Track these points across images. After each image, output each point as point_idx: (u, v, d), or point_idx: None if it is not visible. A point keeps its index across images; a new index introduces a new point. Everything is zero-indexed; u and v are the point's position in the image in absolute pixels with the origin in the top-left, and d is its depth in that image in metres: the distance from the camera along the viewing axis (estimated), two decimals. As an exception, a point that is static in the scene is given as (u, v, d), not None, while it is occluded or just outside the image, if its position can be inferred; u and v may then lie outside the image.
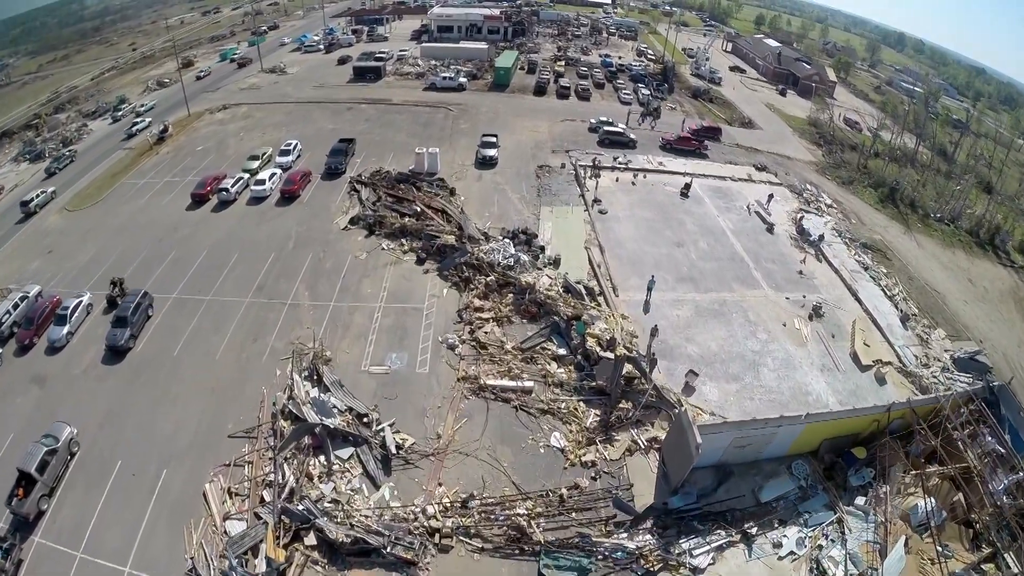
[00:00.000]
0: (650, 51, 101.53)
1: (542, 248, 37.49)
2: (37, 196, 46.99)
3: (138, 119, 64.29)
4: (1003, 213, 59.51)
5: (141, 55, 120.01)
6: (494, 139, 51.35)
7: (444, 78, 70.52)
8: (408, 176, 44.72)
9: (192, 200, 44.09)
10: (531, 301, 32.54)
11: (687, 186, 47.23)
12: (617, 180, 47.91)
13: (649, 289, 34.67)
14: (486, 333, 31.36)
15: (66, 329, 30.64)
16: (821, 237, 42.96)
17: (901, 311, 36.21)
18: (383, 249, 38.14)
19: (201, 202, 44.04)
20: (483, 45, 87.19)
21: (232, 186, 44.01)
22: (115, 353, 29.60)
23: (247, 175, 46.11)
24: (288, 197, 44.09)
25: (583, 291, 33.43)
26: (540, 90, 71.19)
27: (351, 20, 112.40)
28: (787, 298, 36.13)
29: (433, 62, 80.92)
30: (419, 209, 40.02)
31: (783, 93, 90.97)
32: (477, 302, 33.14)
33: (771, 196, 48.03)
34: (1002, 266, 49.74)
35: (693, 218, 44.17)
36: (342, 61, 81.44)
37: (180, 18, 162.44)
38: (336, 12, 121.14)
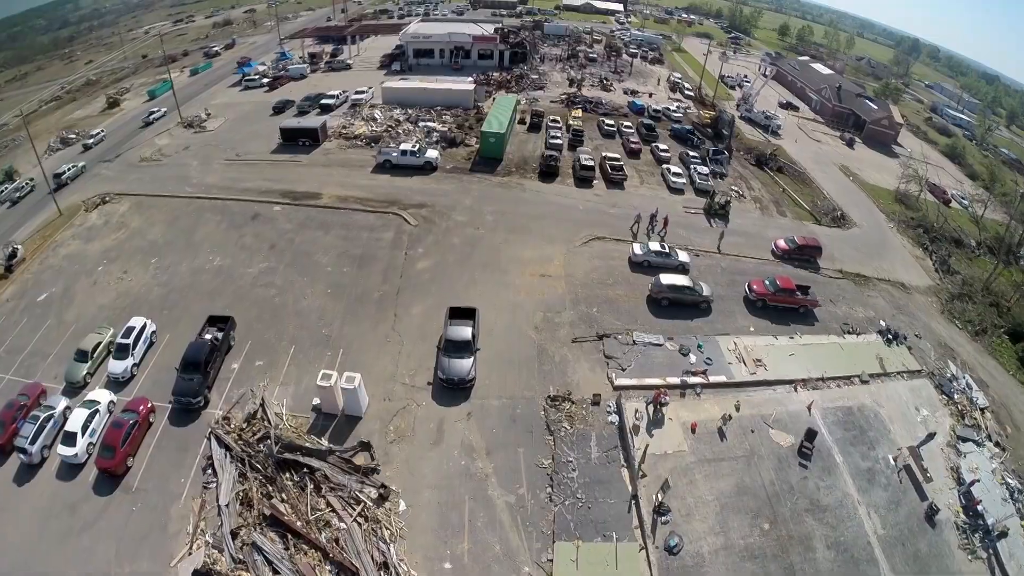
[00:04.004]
0: (686, 84, 74.63)
1: None
2: (69, 169, 44.75)
3: (153, 111, 57.10)
4: None
5: (86, 80, 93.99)
6: (469, 327, 25.19)
7: (403, 152, 43.36)
8: (298, 450, 20.72)
9: (-12, 449, 21.55)
10: None
11: (810, 435, 23.13)
12: (694, 431, 23.22)
13: None
14: None
15: None
16: (1003, 534, 21.75)
17: None
18: None
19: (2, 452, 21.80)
20: (467, 86, 59.46)
21: (32, 441, 21.03)
22: None
23: (65, 401, 23.21)
24: (108, 474, 20.82)
25: None
26: (549, 171, 43.83)
27: (316, 39, 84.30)
28: None
29: (397, 112, 54.31)
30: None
31: (850, 144, 65.31)
32: None
33: (931, 435, 24.84)
34: None
35: (826, 524, 20.75)
36: (278, 109, 55.12)
37: (147, 28, 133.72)
38: (293, 31, 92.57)
